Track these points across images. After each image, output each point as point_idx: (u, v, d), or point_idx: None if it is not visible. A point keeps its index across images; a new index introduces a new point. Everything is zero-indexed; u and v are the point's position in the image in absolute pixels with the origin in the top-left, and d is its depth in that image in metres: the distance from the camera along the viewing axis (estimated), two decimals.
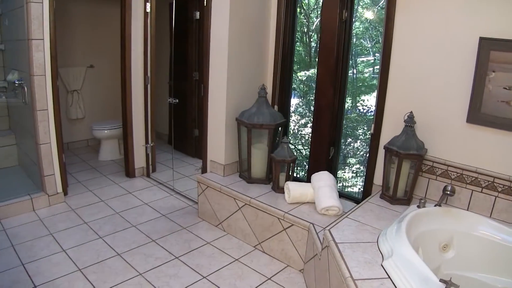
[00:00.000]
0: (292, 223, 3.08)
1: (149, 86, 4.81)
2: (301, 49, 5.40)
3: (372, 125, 3.28)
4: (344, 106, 3.64)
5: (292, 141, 4.96)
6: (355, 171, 5.32)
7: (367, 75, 5.41)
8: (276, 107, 3.92)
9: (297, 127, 5.63)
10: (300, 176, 4.31)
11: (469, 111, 2.72)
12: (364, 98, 5.36)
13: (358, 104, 5.36)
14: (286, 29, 3.79)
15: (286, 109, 4.01)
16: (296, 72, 5.11)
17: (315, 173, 3.40)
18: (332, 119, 3.53)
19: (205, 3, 3.73)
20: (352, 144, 5.45)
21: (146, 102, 4.86)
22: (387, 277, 2.02)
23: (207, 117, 3.92)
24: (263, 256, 3.32)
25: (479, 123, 2.70)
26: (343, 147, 4.76)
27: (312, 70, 5.37)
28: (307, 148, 5.31)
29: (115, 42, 5.01)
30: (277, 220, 3.19)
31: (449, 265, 2.53)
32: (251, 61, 3.80)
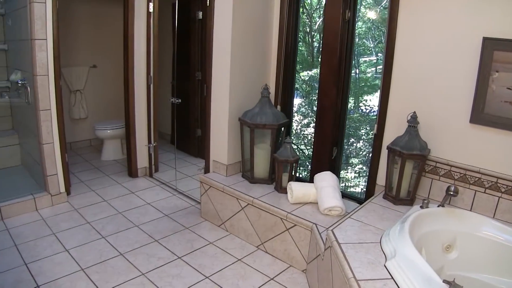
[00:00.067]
0: (295, 223, 3.07)
1: (152, 86, 4.81)
2: (303, 49, 5.39)
3: (375, 125, 3.28)
4: (347, 106, 3.63)
5: (294, 141, 4.95)
6: (357, 171, 5.31)
7: (369, 75, 5.40)
8: (279, 107, 3.92)
9: (299, 127, 5.62)
10: (302, 176, 4.30)
11: (473, 111, 2.71)
12: (366, 98, 5.35)
13: (360, 104, 5.35)
14: (289, 29, 3.79)
15: (289, 109, 4.01)
16: (299, 72, 5.10)
17: (318, 173, 3.39)
18: (335, 119, 3.53)
19: (208, 3, 3.73)
20: (355, 144, 5.44)
21: (149, 102, 4.86)
22: (390, 277, 2.01)
23: (209, 117, 3.92)
24: (265, 256, 3.32)
25: (482, 123, 2.69)
26: (345, 147, 4.75)
27: (314, 70, 5.36)
28: (310, 148, 5.31)
29: (118, 42, 5.01)
30: (279, 220, 3.19)
31: (452, 265, 2.52)
32: (254, 61, 3.80)
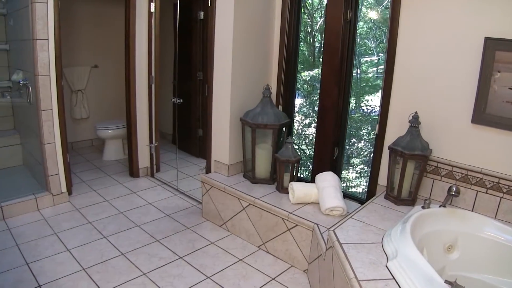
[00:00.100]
0: (296, 224, 3.07)
1: (153, 86, 4.82)
2: (304, 49, 5.39)
3: (377, 126, 3.28)
4: (349, 106, 3.63)
5: (296, 141, 4.95)
6: (359, 172, 5.31)
7: (370, 75, 5.40)
8: (280, 107, 3.92)
9: (301, 127, 5.62)
10: (303, 176, 4.30)
11: (474, 111, 2.71)
12: (367, 98, 5.35)
13: (362, 104, 5.35)
14: (290, 29, 3.79)
15: (291, 109, 4.01)
16: (300, 72, 5.10)
17: (320, 174, 3.39)
18: (337, 119, 3.53)
19: (209, 3, 3.73)
20: (356, 144, 5.44)
21: (150, 102, 4.86)
22: (392, 278, 2.01)
23: (211, 117, 3.92)
24: (267, 256, 3.32)
25: (484, 123, 2.69)
26: (347, 147, 4.75)
27: (316, 70, 5.36)
28: (311, 148, 5.31)
29: (120, 42, 5.01)
30: (281, 220, 3.19)
31: (453, 266, 2.52)
32: (256, 61, 3.80)
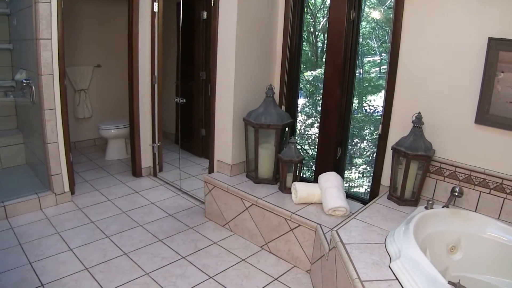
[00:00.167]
0: (299, 224, 3.07)
1: (156, 86, 4.82)
2: (307, 49, 5.39)
3: (380, 126, 3.27)
4: (352, 106, 3.63)
5: (298, 141, 4.95)
6: (361, 172, 5.31)
7: (373, 75, 5.40)
8: (283, 107, 3.92)
9: (303, 127, 5.62)
10: (306, 176, 4.30)
11: (478, 112, 2.70)
12: (370, 98, 5.34)
13: (364, 104, 5.35)
14: (293, 29, 3.79)
15: (293, 109, 4.00)
16: (303, 72, 5.10)
17: (322, 174, 3.39)
18: (340, 119, 3.52)
19: (212, 3, 3.73)
20: (359, 145, 5.44)
21: (153, 101, 4.86)
22: (395, 278, 2.01)
23: (214, 117, 3.92)
24: (269, 257, 3.32)
25: (487, 124, 2.68)
26: (349, 147, 4.75)
27: (318, 70, 5.36)
28: (313, 148, 5.31)
29: (123, 42, 5.02)
30: (284, 221, 3.19)
31: (456, 267, 2.52)
32: (259, 61, 3.80)
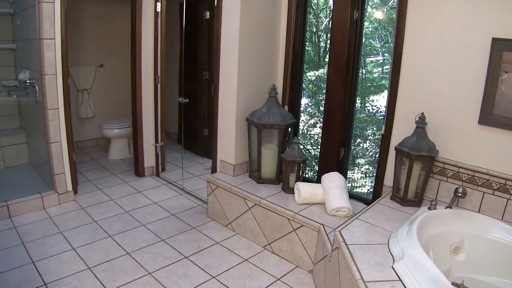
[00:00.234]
0: (302, 224, 3.07)
1: (159, 86, 4.83)
2: (310, 49, 5.39)
3: (383, 126, 3.27)
4: (355, 106, 3.62)
5: (301, 141, 4.96)
6: (364, 172, 5.30)
7: (376, 75, 5.40)
8: (286, 107, 3.91)
9: (306, 127, 5.62)
10: (309, 176, 4.30)
11: (481, 112, 2.69)
12: (373, 98, 5.34)
13: (367, 105, 5.34)
14: (296, 29, 3.78)
15: (296, 109, 4.00)
16: (305, 72, 5.10)
17: (325, 174, 3.38)
18: (343, 119, 3.52)
19: (215, 3, 3.73)
20: (362, 145, 5.43)
21: (156, 101, 4.87)
22: (398, 279, 2.01)
23: (217, 117, 3.92)
24: (272, 257, 3.31)
25: (491, 124, 2.67)
26: (352, 147, 4.75)
27: (321, 70, 5.36)
28: (316, 148, 5.31)
29: (126, 42, 5.03)
30: (286, 221, 3.18)
31: (460, 267, 2.51)
32: (262, 61, 3.80)
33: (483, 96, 2.66)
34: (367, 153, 5.41)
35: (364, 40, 4.71)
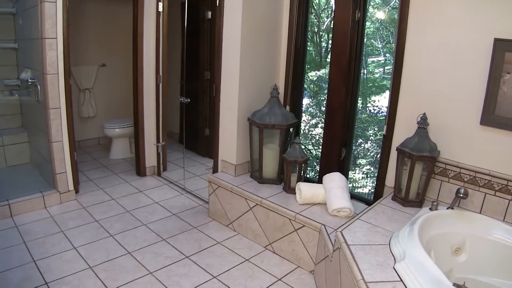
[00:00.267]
0: (303, 224, 3.07)
1: (160, 85, 4.83)
2: (311, 49, 5.38)
3: (385, 126, 3.26)
4: (356, 107, 3.62)
5: (302, 141, 4.95)
6: (365, 172, 5.30)
7: (377, 75, 5.39)
8: (288, 107, 3.91)
9: (307, 127, 5.62)
10: (309, 176, 4.30)
11: (483, 113, 2.69)
12: (374, 98, 5.33)
13: (368, 105, 5.33)
14: (298, 29, 3.78)
15: (298, 109, 4.00)
16: (307, 72, 5.10)
17: (327, 174, 3.38)
18: (344, 119, 3.52)
19: (217, 3, 3.73)
20: (363, 145, 5.42)
21: (158, 101, 4.87)
22: (399, 280, 2.00)
23: (218, 117, 3.92)
24: (273, 257, 3.31)
25: (493, 125, 2.67)
26: (353, 147, 4.74)
27: (322, 70, 5.35)
28: (317, 148, 5.30)
29: (127, 41, 5.03)
30: (288, 221, 3.18)
31: (461, 268, 2.51)
32: (264, 61, 3.79)
33: (485, 96, 2.65)
34: (368, 153, 5.40)
35: (365, 40, 4.72)
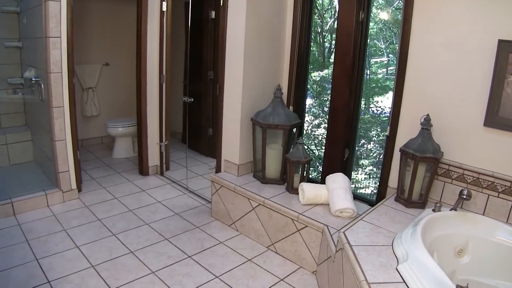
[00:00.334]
0: (306, 225, 3.07)
1: (164, 85, 4.83)
2: (314, 49, 5.38)
3: (388, 127, 3.26)
4: (360, 107, 3.62)
5: (305, 141, 4.95)
6: (368, 173, 5.29)
7: (380, 76, 5.39)
8: (291, 107, 3.91)
9: (310, 127, 5.62)
10: (312, 177, 4.29)
11: (487, 114, 2.68)
12: (377, 99, 5.33)
13: (371, 105, 5.33)
14: (302, 29, 3.78)
15: (301, 109, 4.00)
16: (310, 73, 5.10)
17: (330, 175, 3.38)
18: (347, 120, 3.51)
19: (221, 2, 3.73)
20: (366, 146, 5.42)
21: (161, 100, 4.87)
22: (402, 281, 2.00)
23: (222, 117, 3.92)
24: (276, 257, 3.31)
25: (496, 126, 2.66)
26: (356, 148, 4.74)
27: (326, 71, 5.36)
28: (320, 148, 5.30)
29: (131, 41, 5.04)
30: (290, 221, 3.18)
31: (464, 270, 2.50)
32: (267, 61, 3.80)
33: (488, 98, 2.65)
34: (371, 154, 5.40)
35: (368, 41, 4.71)
